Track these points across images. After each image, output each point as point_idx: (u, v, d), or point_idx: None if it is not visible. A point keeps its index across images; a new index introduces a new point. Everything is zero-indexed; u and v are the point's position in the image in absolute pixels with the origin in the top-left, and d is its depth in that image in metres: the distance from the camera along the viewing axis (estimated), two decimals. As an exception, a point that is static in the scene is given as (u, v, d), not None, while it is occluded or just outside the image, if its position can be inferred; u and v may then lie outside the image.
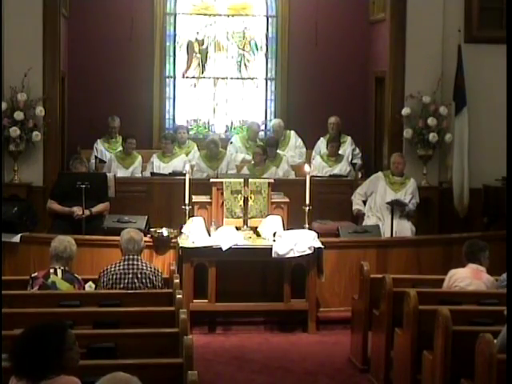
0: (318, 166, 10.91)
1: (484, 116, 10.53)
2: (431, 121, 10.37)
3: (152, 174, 10.87)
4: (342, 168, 11.04)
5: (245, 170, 10.58)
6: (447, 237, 9.09)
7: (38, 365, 3.74)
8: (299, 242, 8.14)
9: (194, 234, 8.18)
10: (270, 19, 12.65)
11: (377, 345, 6.87)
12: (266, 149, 10.83)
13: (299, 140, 11.76)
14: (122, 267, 6.69)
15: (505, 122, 9.51)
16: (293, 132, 11.80)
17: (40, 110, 9.89)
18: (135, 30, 12.03)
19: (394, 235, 9.34)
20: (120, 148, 11.18)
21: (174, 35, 12.52)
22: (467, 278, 6.66)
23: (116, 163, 10.91)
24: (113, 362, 4.53)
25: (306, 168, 9.09)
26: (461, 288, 6.64)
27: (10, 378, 3.82)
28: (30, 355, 3.75)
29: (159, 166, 10.97)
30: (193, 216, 8.48)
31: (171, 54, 12.53)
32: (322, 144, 11.59)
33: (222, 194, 8.58)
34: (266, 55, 12.71)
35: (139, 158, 11.08)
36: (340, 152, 11.38)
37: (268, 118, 12.74)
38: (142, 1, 12.21)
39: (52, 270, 6.40)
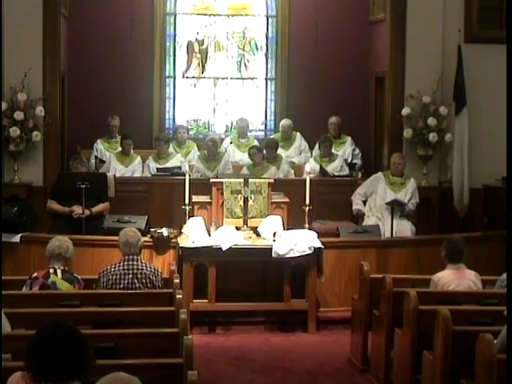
0: (313, 168, 10.84)
1: (484, 116, 10.54)
2: (431, 121, 10.37)
3: (158, 169, 10.85)
4: (334, 166, 11.03)
5: (244, 170, 10.58)
6: (446, 237, 9.06)
7: (67, 367, 3.50)
8: (299, 242, 8.14)
9: (194, 233, 8.18)
10: (270, 19, 12.65)
11: (377, 345, 6.87)
12: (261, 148, 10.87)
13: (305, 143, 11.72)
14: (121, 267, 6.69)
15: (505, 122, 9.50)
16: (298, 134, 11.76)
17: (40, 110, 9.89)
18: (135, 30, 12.03)
19: (394, 235, 9.34)
20: (120, 148, 11.18)
21: (174, 35, 12.52)
22: (453, 280, 6.63)
23: (115, 161, 10.92)
24: (113, 362, 4.53)
25: (307, 168, 9.10)
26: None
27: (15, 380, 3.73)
28: (61, 356, 3.50)
29: (155, 167, 10.96)
30: (193, 216, 8.48)
31: (171, 54, 12.53)
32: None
33: (222, 194, 8.58)
34: (266, 55, 12.71)
35: (138, 158, 11.08)
36: (339, 152, 11.39)
37: (268, 117, 12.75)
38: (141, 1, 12.22)
39: (52, 270, 6.39)
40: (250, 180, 8.57)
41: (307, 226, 8.53)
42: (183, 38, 12.59)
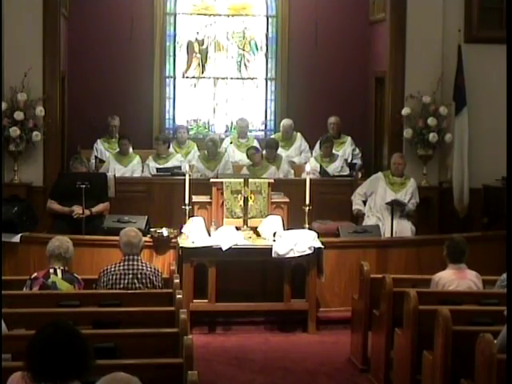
0: (312, 168, 10.80)
1: (484, 116, 10.53)
2: (431, 121, 10.37)
3: (157, 169, 10.85)
4: (334, 167, 11.04)
5: (244, 170, 10.58)
6: (447, 237, 9.06)
7: (67, 367, 3.49)
8: (299, 242, 8.14)
9: (194, 233, 8.18)
10: (270, 19, 12.66)
11: (377, 345, 6.87)
12: (259, 148, 10.93)
13: (305, 143, 11.73)
14: (121, 267, 6.68)
15: (505, 121, 9.51)
16: (299, 134, 11.77)
17: (40, 110, 9.89)
18: (135, 30, 12.04)
19: (394, 235, 9.33)
20: (118, 149, 11.17)
21: (174, 35, 12.53)
22: (453, 280, 6.62)
23: (114, 161, 10.89)
24: (113, 362, 4.53)
25: (307, 168, 9.10)
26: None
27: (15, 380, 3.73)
28: (60, 356, 3.49)
29: (155, 167, 10.95)
30: (193, 216, 8.48)
31: (171, 53, 12.54)
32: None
33: (222, 194, 8.58)
34: (266, 55, 12.71)
35: (137, 158, 11.06)
36: (340, 152, 11.39)
37: (268, 117, 12.75)
38: (141, 1, 12.22)
39: (52, 270, 6.39)
40: (250, 180, 8.56)
41: (307, 225, 8.52)
42: (183, 38, 12.59)
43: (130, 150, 11.13)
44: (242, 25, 12.69)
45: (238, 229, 8.39)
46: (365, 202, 10.03)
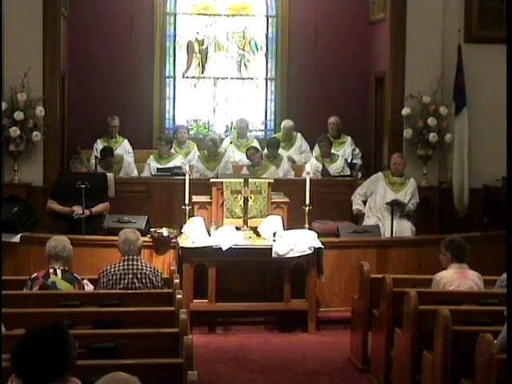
0: (314, 168, 10.82)
1: (484, 116, 10.54)
2: (431, 121, 10.37)
3: (158, 169, 10.83)
4: (335, 167, 11.03)
5: (244, 170, 10.58)
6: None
7: (43, 368, 3.59)
8: (299, 242, 8.14)
9: (194, 233, 8.18)
10: (270, 19, 12.66)
11: (377, 345, 6.87)
12: (258, 148, 10.94)
13: (306, 144, 11.73)
14: (121, 267, 6.68)
15: (505, 122, 9.51)
16: (299, 134, 11.78)
17: (40, 110, 9.89)
18: (135, 30, 12.04)
19: (394, 235, 9.33)
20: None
21: (174, 35, 12.53)
22: (455, 280, 6.60)
23: (105, 171, 10.71)
24: (113, 362, 4.53)
25: (307, 167, 9.11)
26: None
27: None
28: (34, 359, 3.60)
29: (156, 167, 10.94)
30: (193, 216, 8.48)
31: (171, 53, 12.54)
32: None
33: (222, 194, 8.58)
34: (266, 55, 12.71)
35: (124, 158, 10.97)
36: (340, 152, 11.38)
37: (268, 117, 12.75)
38: (142, 1, 12.22)
39: (52, 270, 6.39)
40: (250, 180, 8.57)
41: (307, 226, 8.52)
42: (183, 38, 12.59)
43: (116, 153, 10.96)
44: (241, 25, 12.68)
45: (238, 229, 8.39)
46: (365, 202, 10.03)
